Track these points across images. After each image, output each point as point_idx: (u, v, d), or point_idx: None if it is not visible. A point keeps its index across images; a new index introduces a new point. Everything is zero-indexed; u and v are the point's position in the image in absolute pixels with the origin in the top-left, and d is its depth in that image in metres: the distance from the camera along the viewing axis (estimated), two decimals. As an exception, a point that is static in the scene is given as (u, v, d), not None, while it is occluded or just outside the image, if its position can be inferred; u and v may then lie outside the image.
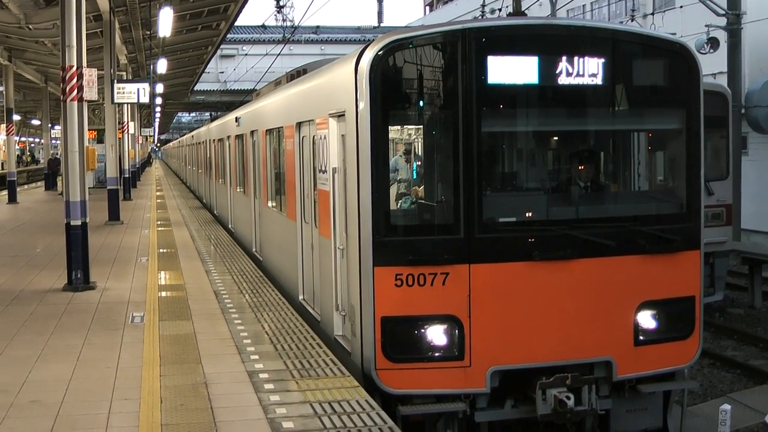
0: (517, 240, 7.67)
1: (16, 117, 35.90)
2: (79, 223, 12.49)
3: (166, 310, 10.60)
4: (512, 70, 7.64)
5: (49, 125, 44.08)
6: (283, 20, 42.14)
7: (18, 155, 62.59)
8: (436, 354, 7.51)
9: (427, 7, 72.03)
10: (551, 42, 7.86)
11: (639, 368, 7.96)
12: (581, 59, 7.71)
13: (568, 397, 7.43)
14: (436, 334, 7.50)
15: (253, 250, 15.77)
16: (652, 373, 8.07)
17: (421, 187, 8.29)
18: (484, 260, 7.53)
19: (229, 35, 35.49)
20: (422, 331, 7.50)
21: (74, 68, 12.43)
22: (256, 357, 8.23)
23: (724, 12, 22.27)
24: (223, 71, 60.33)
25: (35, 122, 60.99)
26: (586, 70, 7.73)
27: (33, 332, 9.56)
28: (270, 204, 13.74)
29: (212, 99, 61.26)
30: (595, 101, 8.10)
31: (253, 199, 15.73)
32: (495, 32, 7.86)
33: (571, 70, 7.69)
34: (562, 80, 7.70)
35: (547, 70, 7.68)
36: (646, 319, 7.95)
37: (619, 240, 7.84)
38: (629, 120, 8.43)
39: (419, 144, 8.39)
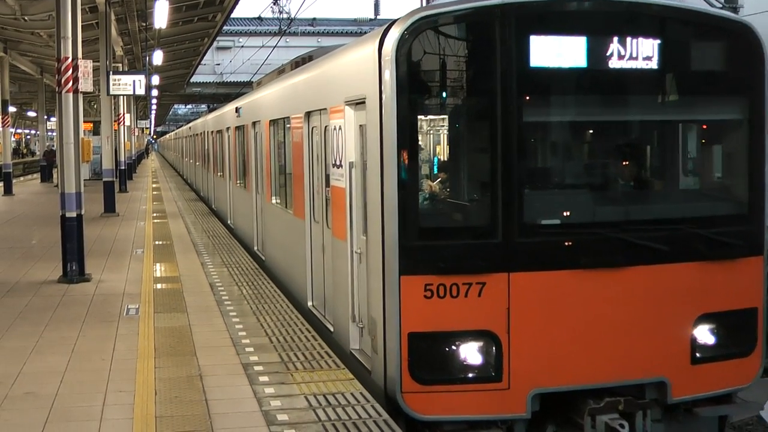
0: (563, 245, 6.84)
1: (11, 108, 35.88)
2: (74, 214, 12.50)
3: (161, 302, 10.59)
4: (557, 51, 6.76)
5: (45, 117, 44.02)
6: (280, 12, 41.97)
7: (14, 147, 62.48)
8: (470, 375, 6.69)
9: (425, -2, 71.77)
10: (601, 20, 7.01)
11: (696, 389, 7.10)
12: (635, 40, 6.84)
13: (622, 426, 6.60)
14: (471, 353, 6.68)
15: (255, 248, 14.93)
16: (709, 395, 7.23)
17: (436, 182, 7.32)
18: (525, 268, 6.70)
19: (225, 27, 35.46)
20: (454, 348, 6.67)
21: (69, 60, 12.41)
22: (251, 349, 8.22)
23: (721, 5, 22.27)
24: (219, 63, 60.00)
25: (31, 114, 60.86)
26: (640, 53, 6.87)
27: (28, 324, 9.55)
28: (274, 200, 12.84)
29: (208, 91, 61.08)
30: (650, 88, 7.20)
31: (254, 195, 14.95)
32: (537, 8, 6.90)
33: (623, 53, 6.85)
34: (613, 63, 6.84)
35: (597, 52, 6.81)
36: (704, 334, 7.13)
37: (675, 245, 7.00)
38: (688, 109, 7.52)
39: (448, 135, 7.42)
